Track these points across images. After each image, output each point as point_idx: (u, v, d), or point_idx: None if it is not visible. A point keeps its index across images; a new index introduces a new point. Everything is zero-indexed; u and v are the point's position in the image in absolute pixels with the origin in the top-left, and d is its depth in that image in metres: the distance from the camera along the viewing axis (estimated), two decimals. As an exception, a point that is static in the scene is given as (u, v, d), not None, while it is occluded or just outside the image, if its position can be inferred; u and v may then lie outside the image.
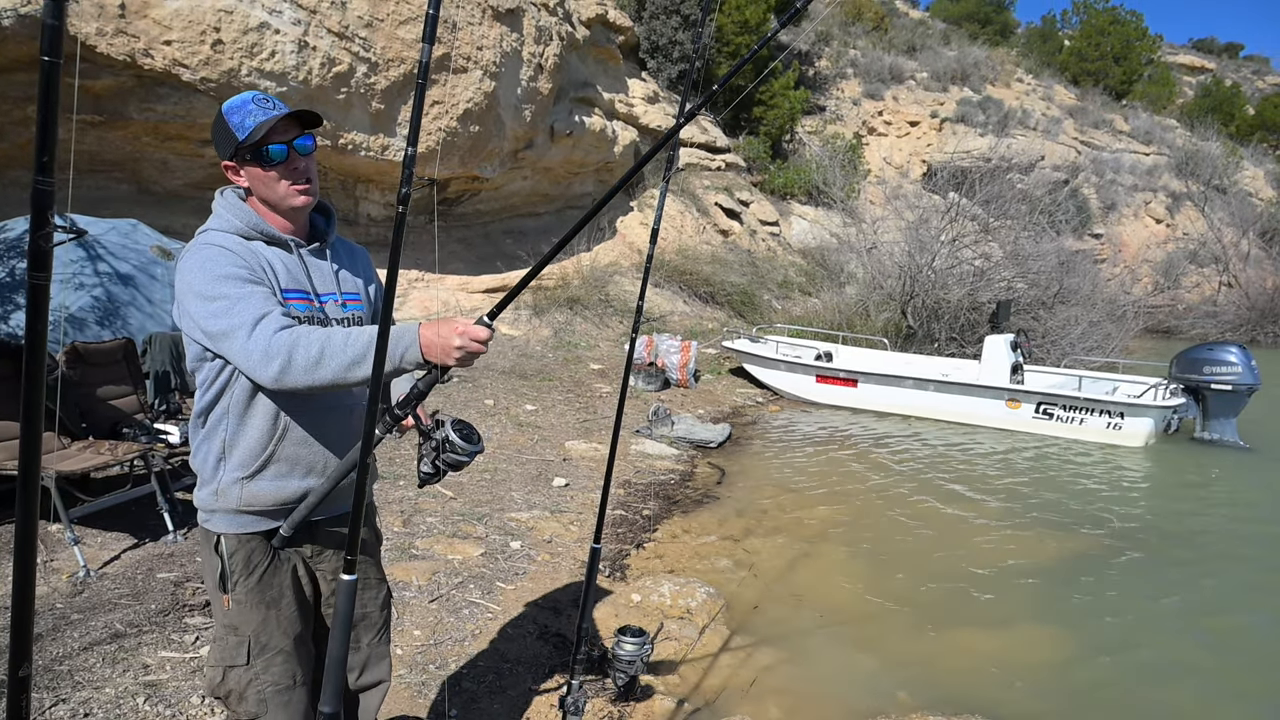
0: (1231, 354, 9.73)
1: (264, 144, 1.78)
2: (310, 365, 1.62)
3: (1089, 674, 4.15)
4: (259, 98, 1.81)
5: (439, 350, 1.60)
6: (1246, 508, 7.49)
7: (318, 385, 1.64)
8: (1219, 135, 33.89)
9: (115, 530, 4.42)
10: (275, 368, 1.63)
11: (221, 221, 1.84)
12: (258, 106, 1.78)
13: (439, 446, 1.80)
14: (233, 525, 1.85)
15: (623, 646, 3.11)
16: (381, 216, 11.39)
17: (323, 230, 1.99)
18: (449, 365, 1.61)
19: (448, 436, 1.79)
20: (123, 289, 6.05)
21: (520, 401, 8.71)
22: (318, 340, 1.64)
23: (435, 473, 1.83)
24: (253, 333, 1.66)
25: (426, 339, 1.60)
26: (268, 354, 1.64)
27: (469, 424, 1.84)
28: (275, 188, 1.82)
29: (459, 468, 1.81)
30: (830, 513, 6.44)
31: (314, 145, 1.88)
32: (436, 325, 1.61)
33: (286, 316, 1.73)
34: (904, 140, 25.55)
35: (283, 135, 1.80)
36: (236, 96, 1.83)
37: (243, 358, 1.67)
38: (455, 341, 1.58)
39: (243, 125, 1.78)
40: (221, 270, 1.73)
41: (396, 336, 1.61)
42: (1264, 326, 22.06)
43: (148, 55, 8.03)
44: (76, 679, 3.02)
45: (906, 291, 13.46)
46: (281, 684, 1.88)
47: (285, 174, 1.82)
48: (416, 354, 1.61)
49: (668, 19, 17.54)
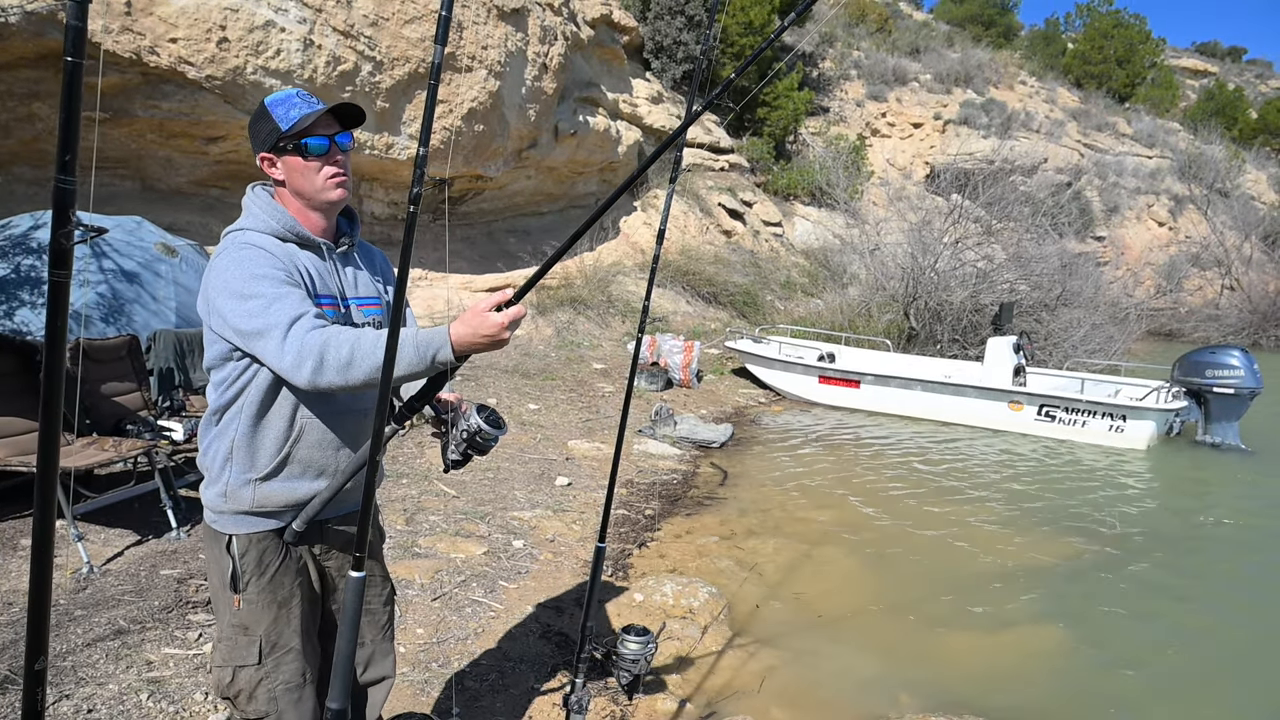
0: (1234, 357, 9.73)
1: (307, 135, 1.80)
2: (342, 366, 1.62)
3: (1090, 676, 4.15)
4: (302, 94, 1.84)
5: (483, 337, 1.58)
6: (1248, 511, 7.49)
7: (351, 385, 1.64)
8: (1222, 139, 33.86)
9: (119, 527, 4.43)
10: (309, 368, 1.63)
11: (256, 221, 1.83)
12: (302, 100, 1.82)
13: (470, 436, 1.83)
14: (243, 526, 1.85)
15: (627, 645, 3.11)
16: (385, 215, 11.39)
17: (345, 233, 1.99)
18: (499, 347, 1.62)
19: (479, 427, 1.83)
20: (127, 286, 6.06)
21: (523, 400, 8.71)
22: (348, 341, 1.64)
23: (464, 459, 1.86)
24: (288, 333, 1.66)
25: (458, 334, 1.59)
26: (301, 354, 1.64)
27: (490, 408, 1.88)
28: (314, 179, 1.83)
29: (486, 452, 1.87)
30: (832, 514, 6.44)
31: (353, 143, 1.90)
32: (463, 320, 1.60)
33: (319, 319, 1.73)
34: (907, 142, 25.54)
35: (326, 129, 1.82)
36: (279, 92, 1.87)
37: (277, 358, 1.67)
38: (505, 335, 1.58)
39: (287, 116, 1.80)
40: (258, 270, 1.73)
41: (428, 340, 1.61)
42: (1266, 330, 22.06)
43: (153, 53, 8.04)
44: (80, 675, 3.02)
45: (909, 293, 13.46)
46: (292, 683, 1.89)
47: (325, 166, 1.84)
48: (448, 354, 1.61)
49: (672, 19, 17.54)
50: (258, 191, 1.89)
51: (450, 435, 1.86)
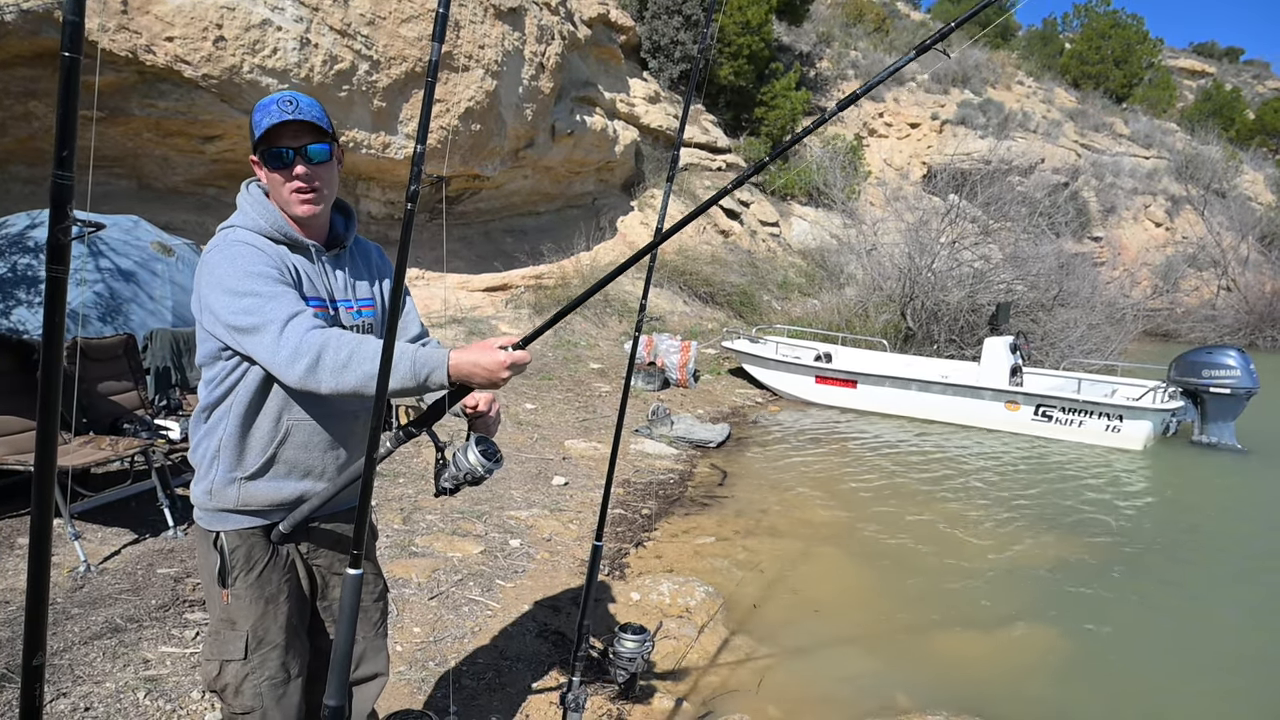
0: (1230, 357, 9.76)
1: (271, 145, 1.77)
2: (338, 368, 1.62)
3: (1087, 675, 4.16)
4: (284, 99, 1.77)
5: (482, 376, 1.61)
6: (1244, 511, 7.51)
7: (342, 390, 1.63)
8: (1219, 139, 33.96)
9: (115, 525, 4.42)
10: (302, 366, 1.63)
11: (248, 219, 1.82)
12: (278, 108, 1.76)
13: (463, 472, 1.81)
14: (229, 523, 1.86)
15: (623, 643, 3.11)
16: (382, 214, 11.39)
17: (341, 233, 1.97)
18: (494, 387, 1.64)
19: (475, 469, 1.80)
20: (124, 285, 6.06)
21: (520, 400, 8.71)
22: (348, 345, 1.63)
23: (455, 489, 1.85)
24: (284, 330, 1.65)
25: (457, 360, 1.60)
26: (297, 352, 1.63)
27: (488, 440, 1.85)
28: (280, 191, 1.81)
29: (479, 484, 1.84)
30: (828, 513, 6.45)
31: (330, 153, 1.83)
32: (467, 348, 1.62)
33: (317, 319, 1.73)
34: (904, 142, 25.57)
35: (293, 140, 1.76)
36: (274, 94, 1.82)
37: (270, 354, 1.66)
38: (504, 375, 1.60)
39: (259, 124, 1.76)
40: (252, 268, 1.71)
41: (426, 357, 1.61)
42: (1262, 330, 22.12)
43: (150, 51, 8.03)
44: (77, 673, 3.02)
45: (906, 293, 13.48)
46: (277, 679, 1.89)
47: (288, 179, 1.79)
48: (442, 376, 1.61)
49: (669, 19, 17.54)
50: (252, 189, 1.87)
51: (446, 466, 1.85)
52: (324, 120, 1.81)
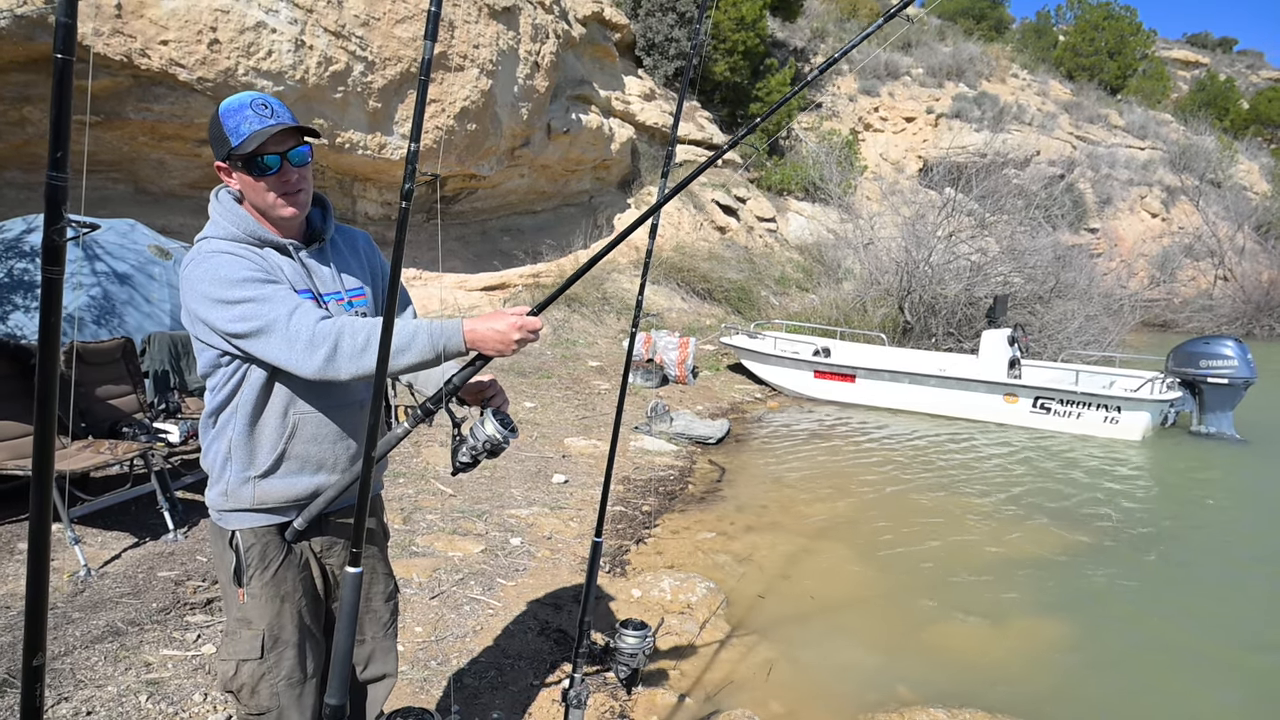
0: (1228, 348, 9.77)
1: (257, 154, 1.75)
2: (356, 353, 1.63)
3: (1087, 667, 4.17)
4: (257, 102, 1.75)
5: (494, 341, 1.65)
6: (1242, 500, 7.53)
7: (361, 373, 1.65)
8: (1213, 130, 33.98)
9: (115, 529, 4.42)
10: (321, 355, 1.64)
11: (220, 229, 1.81)
12: (255, 113, 1.73)
13: (487, 444, 1.85)
14: (245, 521, 1.86)
15: (624, 639, 3.11)
16: (379, 215, 11.38)
17: (318, 227, 1.95)
18: (503, 353, 1.68)
19: (496, 437, 1.84)
20: (120, 288, 6.05)
21: (519, 398, 8.71)
22: (363, 329, 1.65)
23: (474, 463, 1.87)
24: (290, 324, 1.65)
25: (472, 325, 1.63)
26: (313, 342, 1.64)
27: (503, 412, 1.90)
28: (265, 197, 1.79)
29: (496, 455, 1.88)
30: (828, 508, 6.46)
31: (310, 154, 1.83)
32: (484, 318, 1.66)
33: (321, 309, 1.74)
34: (900, 136, 25.57)
35: (277, 146, 1.75)
36: (234, 97, 1.78)
37: (284, 350, 1.66)
38: (514, 336, 1.65)
39: (237, 131, 1.73)
40: (237, 274, 1.71)
41: (441, 328, 1.64)
42: (1260, 320, 22.16)
43: (144, 55, 8.02)
44: (79, 677, 3.02)
45: (903, 287, 13.49)
46: (294, 678, 1.89)
47: (275, 185, 1.78)
48: (459, 343, 1.64)
49: (664, 16, 17.53)
50: (221, 197, 1.85)
51: (464, 440, 1.86)
52: (295, 120, 1.80)
